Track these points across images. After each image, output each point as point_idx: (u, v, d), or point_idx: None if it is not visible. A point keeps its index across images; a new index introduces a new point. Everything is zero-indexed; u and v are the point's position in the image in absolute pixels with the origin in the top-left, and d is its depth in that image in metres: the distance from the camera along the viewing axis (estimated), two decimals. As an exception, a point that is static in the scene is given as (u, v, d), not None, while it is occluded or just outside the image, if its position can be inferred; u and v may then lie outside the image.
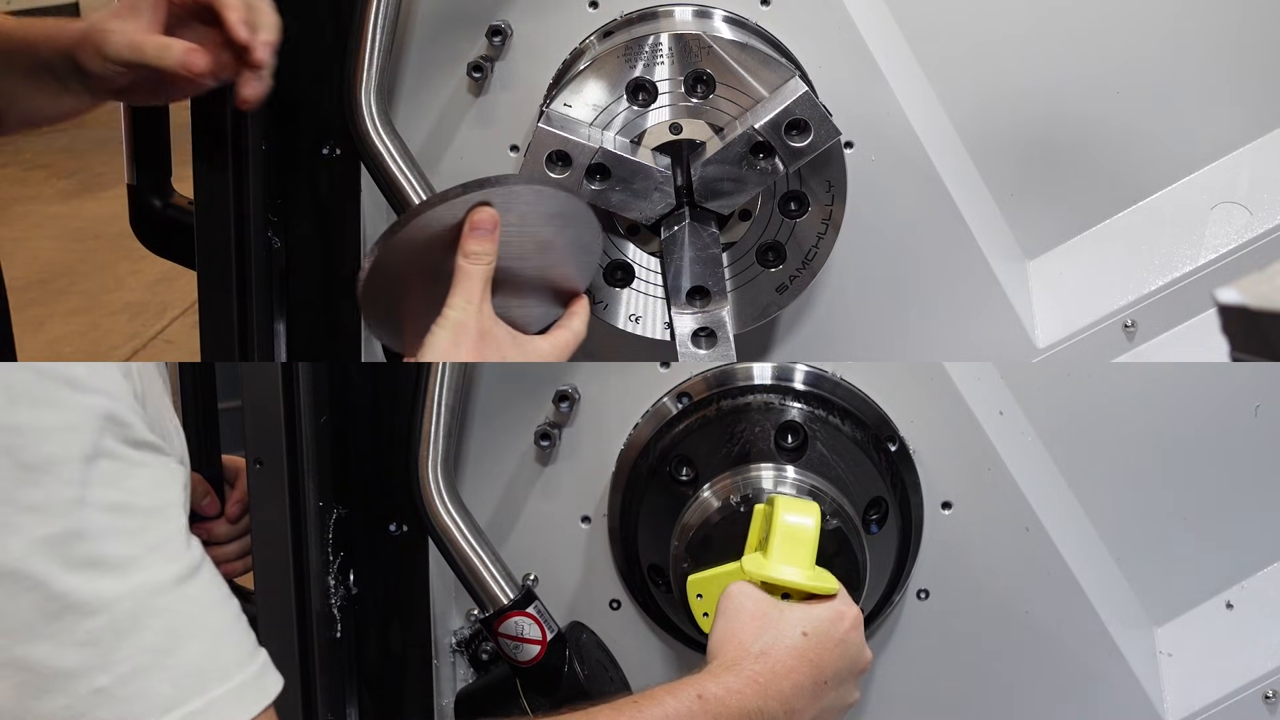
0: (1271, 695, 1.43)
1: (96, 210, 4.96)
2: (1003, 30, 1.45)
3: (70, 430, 0.82)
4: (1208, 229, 1.48)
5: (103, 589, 0.82)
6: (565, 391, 1.40)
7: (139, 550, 0.84)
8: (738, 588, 1.13)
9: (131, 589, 0.83)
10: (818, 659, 1.06)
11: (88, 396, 0.83)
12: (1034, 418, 1.42)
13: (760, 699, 1.02)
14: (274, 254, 1.45)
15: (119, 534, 0.83)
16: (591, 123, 1.31)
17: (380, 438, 1.44)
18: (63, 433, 0.82)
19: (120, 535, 0.83)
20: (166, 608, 0.84)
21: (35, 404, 0.81)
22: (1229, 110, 1.48)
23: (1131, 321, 1.48)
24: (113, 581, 0.82)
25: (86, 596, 0.81)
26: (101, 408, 0.83)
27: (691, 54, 1.29)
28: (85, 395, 0.83)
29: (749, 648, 1.06)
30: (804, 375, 1.37)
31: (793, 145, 1.29)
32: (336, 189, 1.45)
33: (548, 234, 1.24)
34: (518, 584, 1.38)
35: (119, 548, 0.83)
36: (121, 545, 0.83)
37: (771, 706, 1.02)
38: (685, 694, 1.01)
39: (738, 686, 1.02)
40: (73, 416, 0.82)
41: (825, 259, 1.38)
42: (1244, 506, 1.45)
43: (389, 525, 1.46)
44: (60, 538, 0.81)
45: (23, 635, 0.81)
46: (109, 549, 0.82)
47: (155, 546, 0.85)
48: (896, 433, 1.37)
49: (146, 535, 0.85)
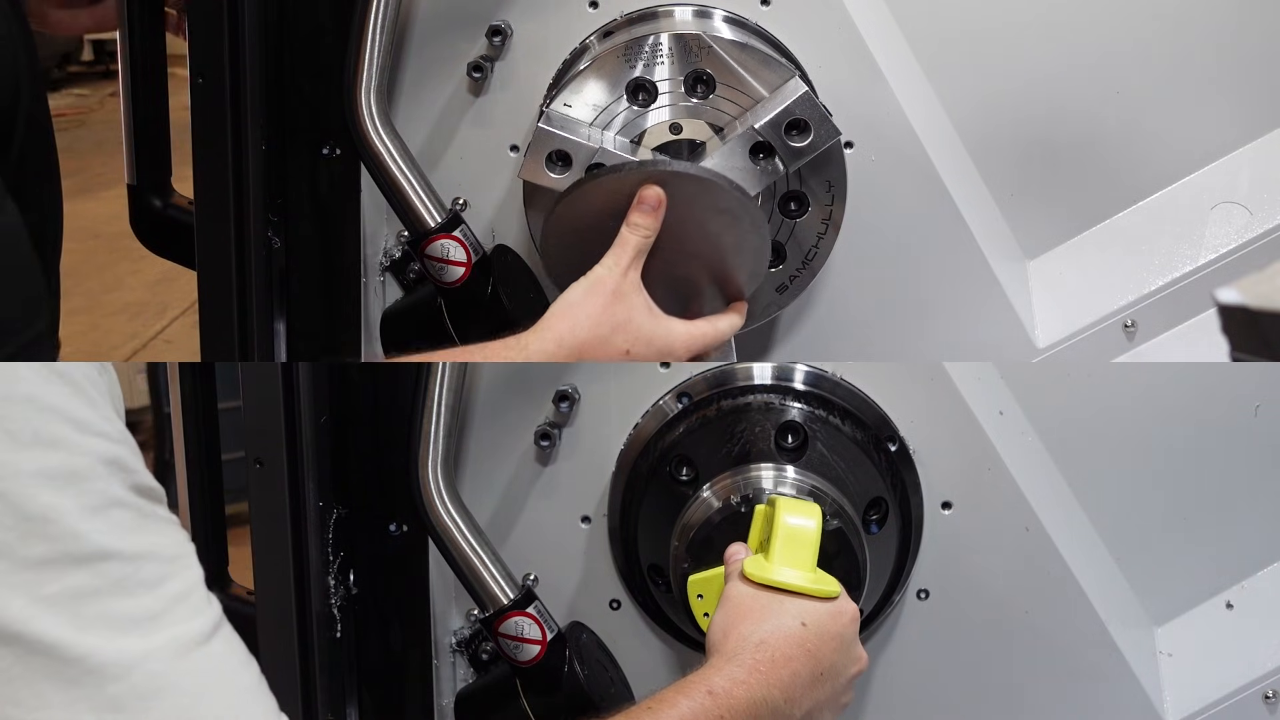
0: (1271, 695, 1.43)
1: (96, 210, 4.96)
2: (1003, 30, 1.45)
3: (75, 477, 0.75)
4: (1208, 229, 1.48)
5: (126, 649, 0.74)
6: (565, 391, 1.40)
7: (162, 605, 0.77)
8: (730, 588, 1.13)
9: (157, 647, 0.76)
10: (816, 649, 1.06)
11: (91, 440, 0.76)
12: (1034, 418, 1.42)
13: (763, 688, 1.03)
14: (274, 254, 1.45)
15: (140, 587, 0.76)
16: (591, 123, 1.31)
17: (380, 438, 1.44)
18: (66, 479, 0.74)
19: (141, 589, 0.76)
20: (193, 668, 0.77)
21: (36, 446, 0.74)
22: (1229, 110, 1.48)
23: (1131, 321, 1.48)
24: (136, 640, 0.75)
25: (108, 659, 0.74)
26: (105, 452, 0.77)
27: (691, 54, 1.29)
28: (89, 438, 0.76)
29: (748, 638, 1.06)
30: (804, 375, 1.37)
31: (793, 145, 1.29)
32: (336, 189, 1.45)
33: (715, 228, 1.25)
34: (518, 584, 1.38)
35: (140, 603, 0.76)
36: (143, 600, 0.76)
37: (773, 694, 1.03)
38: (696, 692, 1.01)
39: (742, 676, 1.03)
40: (78, 461, 0.75)
41: (825, 259, 1.38)
42: (1244, 506, 1.45)
43: (389, 525, 1.46)
44: (70, 595, 0.73)
45: (32, 705, 0.73)
46: (129, 605, 0.75)
47: (179, 599, 0.78)
48: (896, 433, 1.37)
49: (169, 587, 0.78)
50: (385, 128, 1.38)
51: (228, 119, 1.38)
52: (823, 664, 1.07)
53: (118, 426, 0.79)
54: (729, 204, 1.24)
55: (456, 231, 1.39)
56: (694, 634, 1.28)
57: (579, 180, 1.26)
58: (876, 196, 1.42)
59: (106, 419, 0.78)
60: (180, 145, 1.54)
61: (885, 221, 1.45)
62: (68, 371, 0.78)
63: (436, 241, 1.39)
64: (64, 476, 0.74)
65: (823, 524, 1.18)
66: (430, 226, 1.38)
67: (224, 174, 1.39)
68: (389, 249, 1.49)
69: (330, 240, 1.47)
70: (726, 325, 1.29)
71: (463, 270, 1.39)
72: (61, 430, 0.75)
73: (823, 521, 1.19)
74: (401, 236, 1.47)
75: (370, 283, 1.48)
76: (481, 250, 1.41)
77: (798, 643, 1.06)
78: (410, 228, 1.40)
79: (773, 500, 1.21)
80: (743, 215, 1.25)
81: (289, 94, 1.41)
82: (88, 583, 0.74)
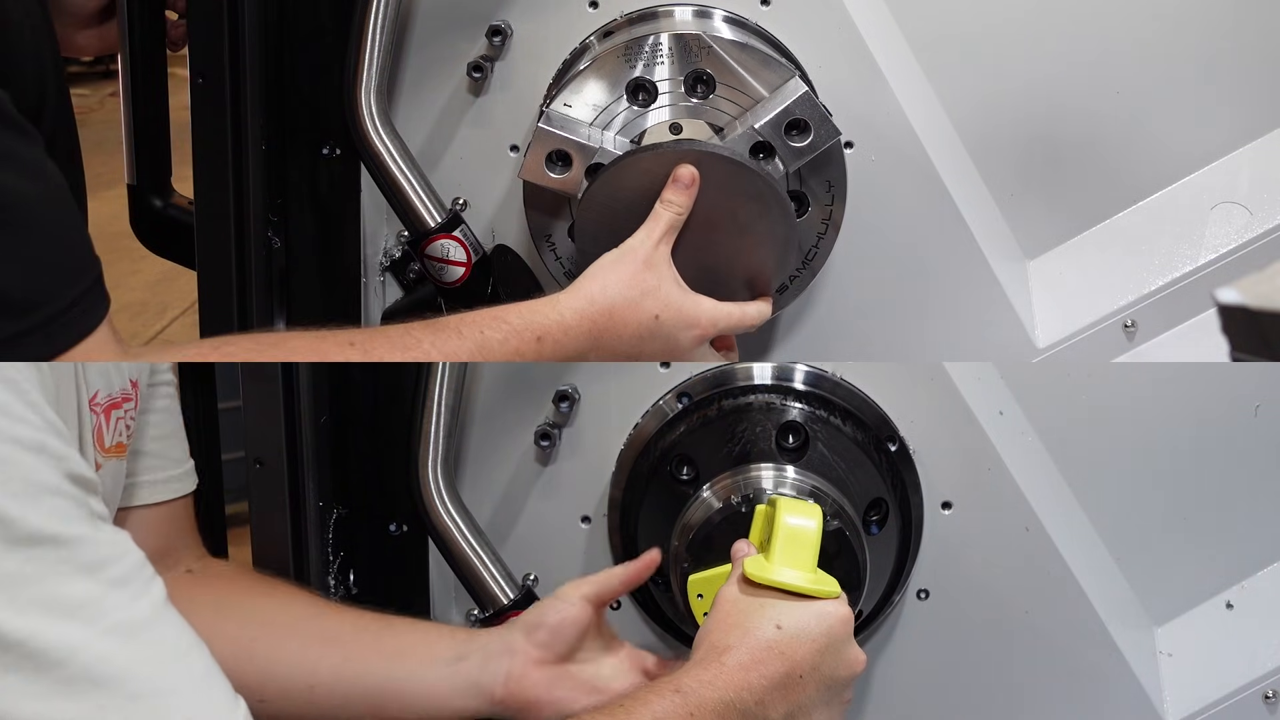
0: (1271, 695, 1.43)
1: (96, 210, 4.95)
2: (1003, 30, 1.45)
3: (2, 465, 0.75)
4: (1208, 229, 1.48)
5: (67, 634, 0.75)
6: (565, 391, 1.40)
7: (102, 589, 0.77)
8: (721, 591, 1.14)
9: (102, 631, 0.76)
10: (789, 652, 1.06)
11: (16, 426, 0.77)
12: (1034, 418, 1.42)
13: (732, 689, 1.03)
14: (274, 254, 1.45)
15: (78, 572, 0.76)
16: (591, 123, 1.31)
17: (380, 438, 1.45)
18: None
19: (79, 574, 0.76)
20: (144, 652, 0.78)
21: None
22: (1229, 110, 1.48)
23: (1131, 321, 1.48)
24: (78, 626, 0.75)
25: (49, 643, 0.74)
26: (30, 439, 0.77)
27: (691, 54, 1.29)
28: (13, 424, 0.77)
29: (719, 643, 1.07)
30: (804, 375, 1.37)
31: (793, 145, 1.29)
32: (336, 189, 1.45)
33: (745, 216, 1.26)
34: (518, 584, 1.38)
35: (80, 587, 0.76)
36: (82, 584, 0.76)
37: (742, 696, 1.03)
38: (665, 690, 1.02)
39: (708, 678, 1.04)
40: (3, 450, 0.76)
41: (825, 259, 1.37)
42: (1244, 506, 1.45)
43: (389, 525, 1.46)
44: (4, 580, 0.74)
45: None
46: (68, 589, 0.76)
47: (119, 583, 0.78)
48: (896, 433, 1.37)
49: (109, 572, 0.78)
50: (385, 128, 1.38)
51: (228, 119, 1.38)
52: (798, 666, 1.07)
53: (47, 414, 0.79)
54: (760, 189, 1.25)
55: (456, 231, 1.39)
56: (694, 634, 1.28)
57: (616, 158, 1.27)
58: (876, 196, 1.42)
59: (31, 405, 0.78)
60: (180, 145, 1.54)
61: (885, 221, 1.44)
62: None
63: (436, 241, 1.39)
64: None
65: (823, 524, 1.18)
66: (430, 226, 1.39)
67: (224, 174, 1.39)
68: (389, 249, 1.50)
69: (330, 240, 1.47)
70: (755, 312, 1.29)
71: (463, 270, 1.39)
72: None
73: (823, 522, 1.19)
74: (401, 236, 1.47)
75: (370, 283, 1.49)
76: (481, 250, 1.41)
77: (767, 646, 1.06)
78: (410, 228, 1.40)
79: (773, 500, 1.21)
80: (773, 203, 1.26)
81: (289, 94, 1.41)
82: (21, 568, 0.74)
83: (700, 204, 1.25)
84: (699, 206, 1.24)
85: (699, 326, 1.24)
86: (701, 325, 1.24)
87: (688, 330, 1.23)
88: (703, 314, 1.24)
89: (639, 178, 1.25)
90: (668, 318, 1.21)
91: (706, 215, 1.25)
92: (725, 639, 1.07)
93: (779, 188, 1.27)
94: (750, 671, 1.04)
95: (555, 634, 1.22)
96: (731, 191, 1.25)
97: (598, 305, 1.19)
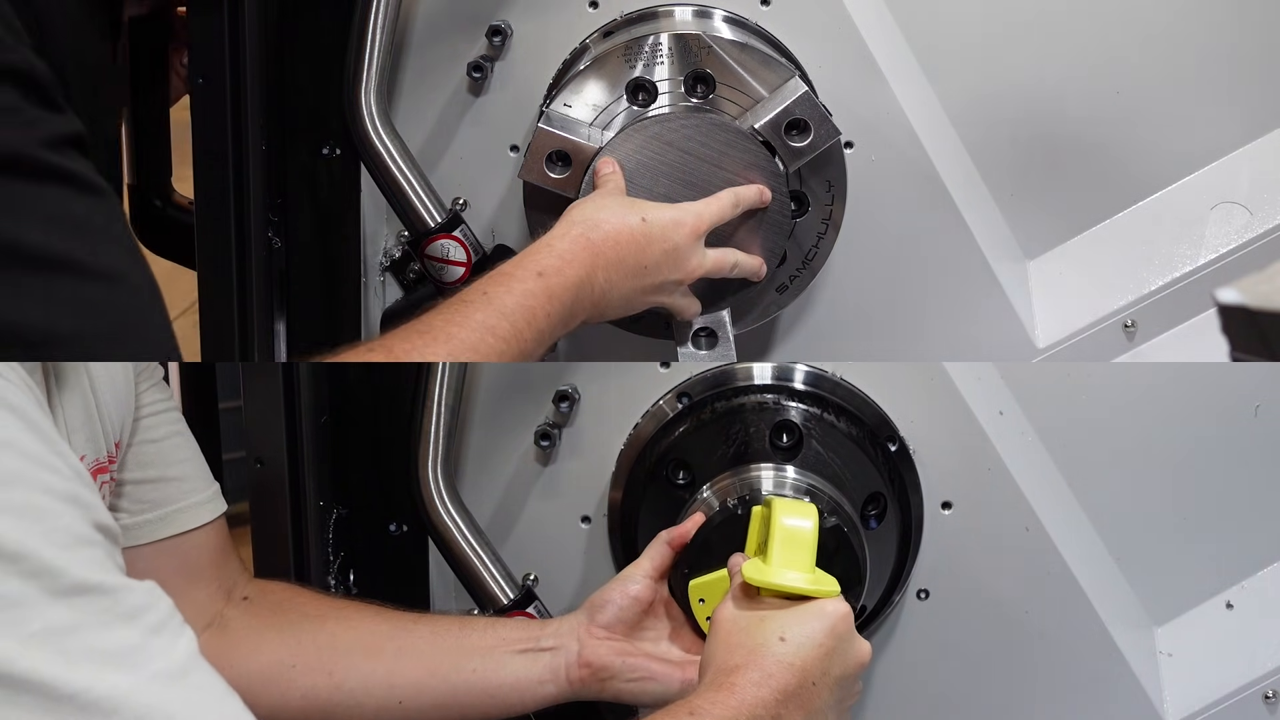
0: (1271, 695, 1.43)
1: (97, 210, 4.95)
2: (1003, 30, 1.45)
3: (40, 514, 0.74)
4: (1208, 229, 1.48)
5: (116, 684, 0.73)
6: (565, 391, 1.40)
7: (142, 637, 0.76)
8: (718, 611, 1.13)
9: (145, 680, 0.75)
10: (798, 662, 1.06)
11: (48, 476, 0.76)
12: (1034, 418, 1.41)
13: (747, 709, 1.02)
14: (274, 254, 1.45)
15: (119, 620, 0.75)
16: (591, 123, 1.31)
17: (380, 438, 1.44)
18: (32, 516, 0.74)
19: (121, 622, 0.75)
20: (183, 697, 0.77)
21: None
22: (1229, 110, 1.48)
23: (1131, 321, 1.48)
24: (124, 675, 0.74)
25: (100, 695, 0.72)
26: (64, 490, 0.76)
27: (691, 54, 1.29)
28: (45, 474, 0.76)
29: (725, 664, 1.06)
30: (804, 375, 1.37)
31: (793, 145, 1.29)
32: (336, 189, 1.45)
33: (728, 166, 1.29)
34: (518, 584, 1.38)
35: (122, 635, 0.75)
36: (124, 633, 0.75)
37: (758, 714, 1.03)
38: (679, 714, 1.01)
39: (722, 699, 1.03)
40: (39, 499, 0.75)
41: (825, 259, 1.37)
42: (1244, 506, 1.45)
43: (389, 525, 1.46)
44: (54, 631, 0.72)
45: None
46: (112, 638, 0.75)
47: (156, 631, 0.78)
48: (896, 433, 1.36)
49: (146, 619, 0.77)
50: (385, 128, 1.38)
51: (228, 119, 1.38)
52: (809, 674, 1.06)
53: (73, 463, 0.79)
54: (760, 162, 1.28)
55: (456, 231, 1.39)
56: (695, 635, 1.28)
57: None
58: (876, 196, 1.42)
59: (60, 455, 0.78)
60: (180, 145, 1.54)
61: (885, 221, 1.45)
62: (14, 402, 0.77)
63: (436, 241, 1.39)
64: (27, 513, 0.73)
65: (820, 522, 1.18)
66: (430, 226, 1.39)
67: (224, 174, 1.39)
68: (389, 249, 1.50)
69: (330, 240, 1.47)
70: (748, 261, 1.32)
71: (463, 270, 1.39)
72: (17, 465, 0.74)
73: (820, 519, 1.18)
74: (401, 236, 1.47)
75: (370, 283, 1.49)
76: (481, 250, 1.41)
77: (776, 659, 1.06)
78: (410, 228, 1.40)
79: (769, 501, 1.21)
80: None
81: (289, 94, 1.41)
82: (69, 618, 0.73)
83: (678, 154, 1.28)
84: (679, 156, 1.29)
85: (686, 224, 1.25)
86: (689, 222, 1.25)
87: (677, 229, 1.24)
88: (687, 211, 1.25)
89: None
90: (654, 217, 1.23)
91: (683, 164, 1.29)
92: (731, 659, 1.06)
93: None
94: (762, 688, 1.04)
95: (620, 612, 1.26)
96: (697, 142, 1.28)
97: (584, 223, 1.20)
